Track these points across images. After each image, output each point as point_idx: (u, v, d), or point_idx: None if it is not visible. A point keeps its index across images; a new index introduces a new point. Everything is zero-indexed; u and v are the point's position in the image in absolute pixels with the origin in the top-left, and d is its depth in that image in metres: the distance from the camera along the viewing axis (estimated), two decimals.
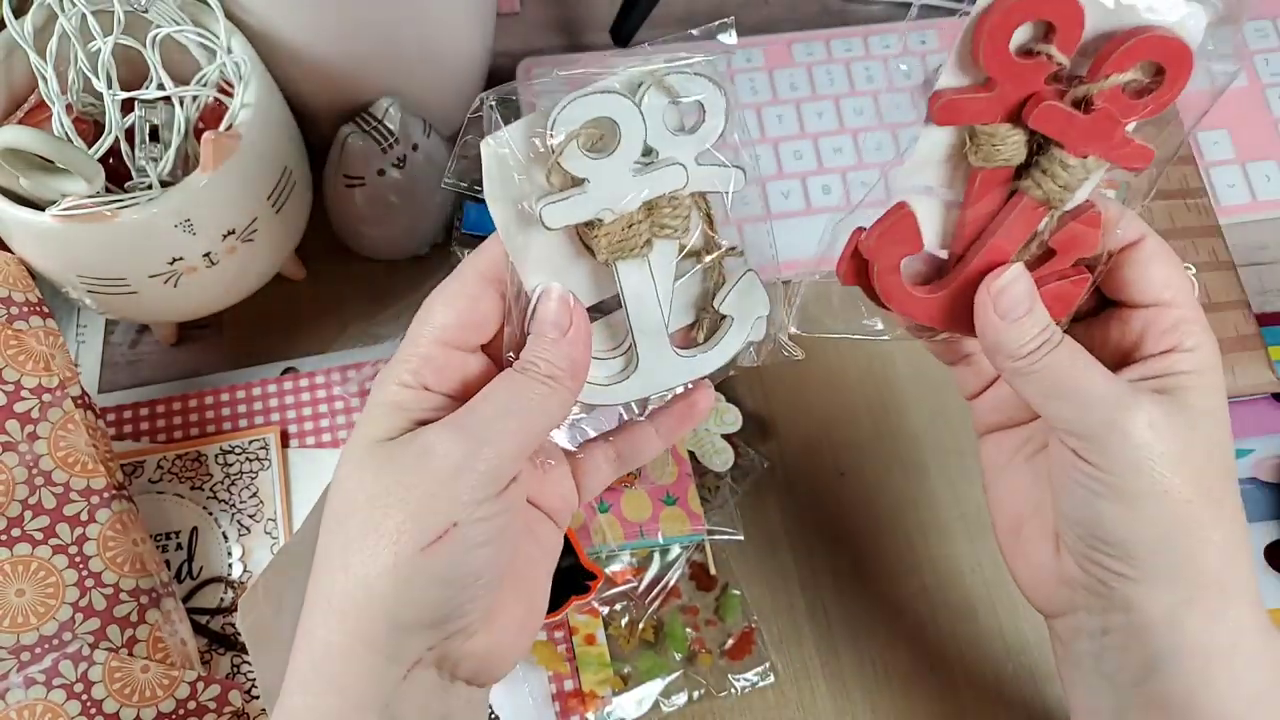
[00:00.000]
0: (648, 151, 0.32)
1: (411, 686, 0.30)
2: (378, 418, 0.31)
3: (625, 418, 0.37)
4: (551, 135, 0.31)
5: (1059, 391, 0.32)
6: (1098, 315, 0.36)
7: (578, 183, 0.32)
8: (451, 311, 0.32)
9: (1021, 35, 0.31)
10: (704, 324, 0.35)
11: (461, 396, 0.31)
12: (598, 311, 0.35)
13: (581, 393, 0.33)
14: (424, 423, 0.30)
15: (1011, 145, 0.33)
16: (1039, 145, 0.33)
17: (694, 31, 0.33)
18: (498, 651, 0.32)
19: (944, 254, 0.36)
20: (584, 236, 0.33)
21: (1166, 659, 0.32)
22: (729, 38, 0.33)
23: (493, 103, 0.32)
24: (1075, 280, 0.34)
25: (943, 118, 0.33)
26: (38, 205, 0.41)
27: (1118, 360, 0.34)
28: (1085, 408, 0.32)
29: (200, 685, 0.41)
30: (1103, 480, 0.32)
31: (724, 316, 0.35)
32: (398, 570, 0.29)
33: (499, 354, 0.33)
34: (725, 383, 0.52)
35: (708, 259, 0.34)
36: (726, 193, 0.34)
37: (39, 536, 0.40)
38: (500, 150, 0.31)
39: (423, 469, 0.29)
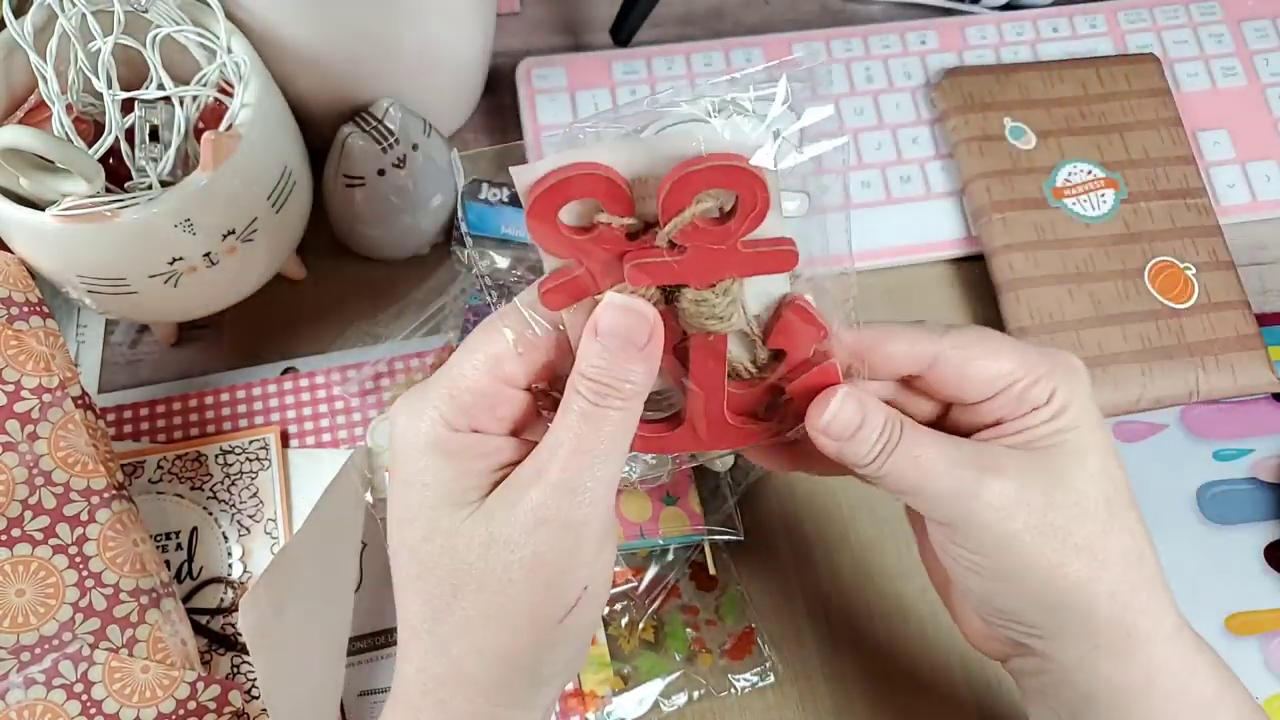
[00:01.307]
0: None
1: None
2: (441, 474, 0.29)
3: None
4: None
5: (909, 489, 0.32)
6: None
7: None
8: (502, 342, 0.29)
9: (574, 211, 0.30)
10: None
11: (513, 429, 0.30)
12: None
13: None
14: (478, 479, 0.29)
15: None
16: (671, 291, 0.31)
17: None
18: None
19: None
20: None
21: (1091, 699, 0.33)
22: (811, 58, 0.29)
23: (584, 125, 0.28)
24: (824, 368, 0.33)
25: (556, 305, 0.31)
26: (38, 205, 0.41)
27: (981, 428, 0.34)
28: (935, 501, 0.32)
29: (200, 685, 0.41)
30: (975, 562, 0.32)
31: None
32: (539, 644, 0.29)
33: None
34: None
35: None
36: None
37: (39, 536, 0.40)
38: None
39: (551, 546, 0.28)
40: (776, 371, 0.33)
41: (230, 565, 0.47)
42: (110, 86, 0.41)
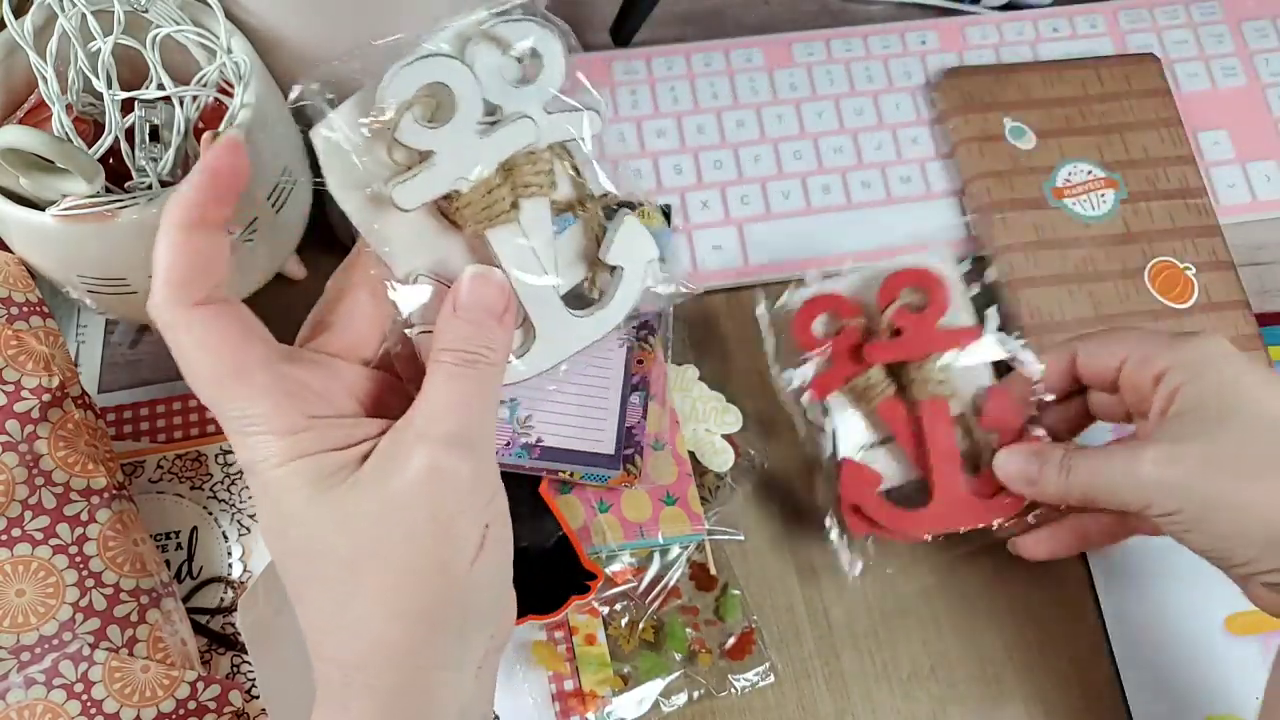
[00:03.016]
0: (492, 111, 0.30)
1: (480, 677, 0.31)
2: (295, 472, 0.28)
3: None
4: (384, 111, 0.29)
5: (1099, 493, 0.39)
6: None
7: (424, 157, 0.30)
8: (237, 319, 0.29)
9: (822, 323, 0.47)
10: (596, 280, 0.33)
11: (359, 408, 0.30)
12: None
13: None
14: (337, 460, 0.29)
15: (876, 378, 0.45)
16: (897, 369, 0.45)
17: None
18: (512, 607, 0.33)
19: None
20: (446, 211, 0.31)
21: None
22: None
23: (315, 87, 0.30)
24: (1032, 437, 0.44)
25: (822, 393, 0.46)
26: (38, 205, 0.41)
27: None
28: (1116, 490, 0.38)
29: (200, 685, 0.41)
30: (1180, 522, 0.37)
31: (614, 268, 0.33)
32: (452, 594, 0.29)
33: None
34: (725, 384, 0.52)
35: (580, 210, 0.33)
36: (584, 138, 0.32)
37: (39, 536, 0.40)
38: (332, 136, 0.29)
39: (442, 498, 0.28)
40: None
41: (230, 565, 0.47)
42: (110, 86, 0.41)
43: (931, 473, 0.44)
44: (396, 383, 0.32)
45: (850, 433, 0.46)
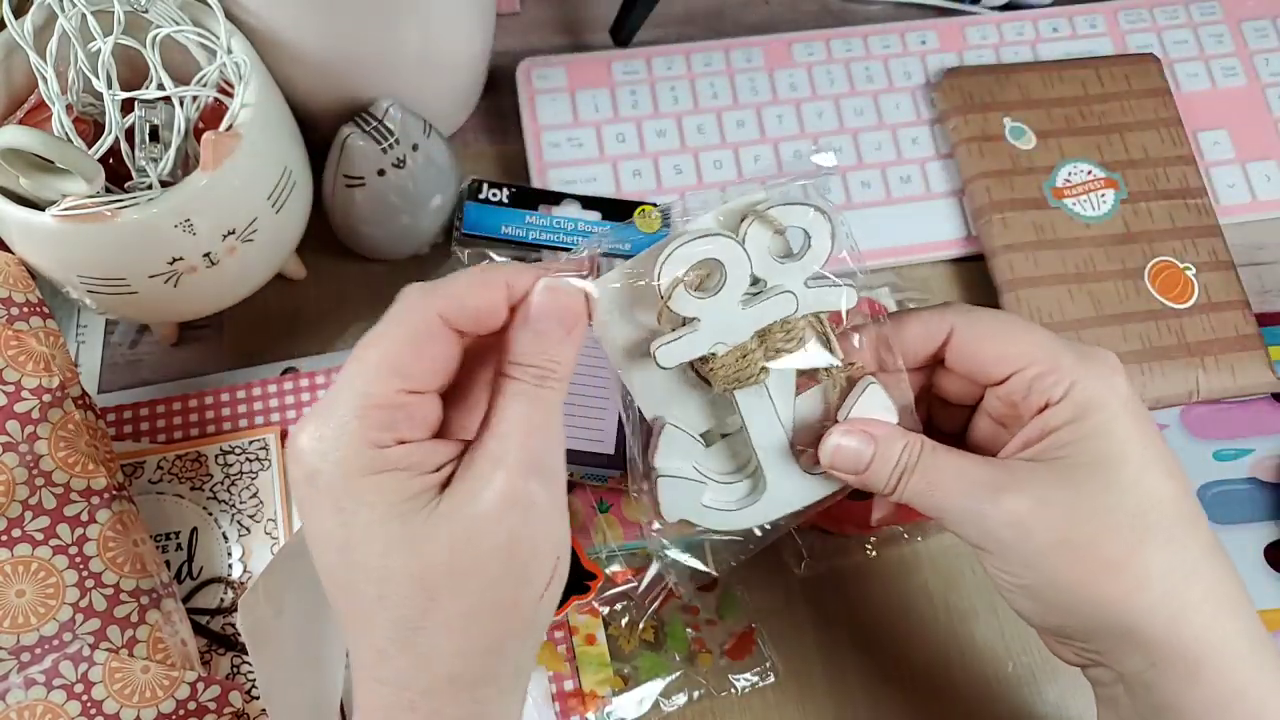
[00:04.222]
0: (755, 281, 0.32)
1: (522, 699, 0.31)
2: (378, 486, 0.27)
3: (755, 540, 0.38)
4: (659, 280, 0.31)
5: (933, 511, 0.33)
6: (975, 411, 0.36)
7: (688, 322, 0.32)
8: (410, 355, 0.29)
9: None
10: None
11: (432, 431, 0.30)
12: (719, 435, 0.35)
13: (710, 519, 0.33)
14: (418, 485, 0.28)
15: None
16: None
17: (790, 156, 0.34)
18: None
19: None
20: (699, 370, 0.33)
21: (1160, 712, 0.31)
22: (826, 160, 0.34)
23: (601, 253, 0.32)
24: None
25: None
26: (38, 205, 0.41)
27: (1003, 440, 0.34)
28: (958, 522, 0.32)
29: (200, 686, 0.41)
30: (1009, 580, 0.32)
31: None
32: (523, 628, 0.29)
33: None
34: None
35: (826, 374, 0.34)
36: (842, 311, 0.34)
37: (39, 537, 0.40)
38: (616, 287, 0.32)
39: (523, 530, 0.28)
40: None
41: (230, 565, 0.47)
42: (110, 86, 0.41)
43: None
44: (457, 397, 0.32)
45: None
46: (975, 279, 0.56)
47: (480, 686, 0.29)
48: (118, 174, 0.42)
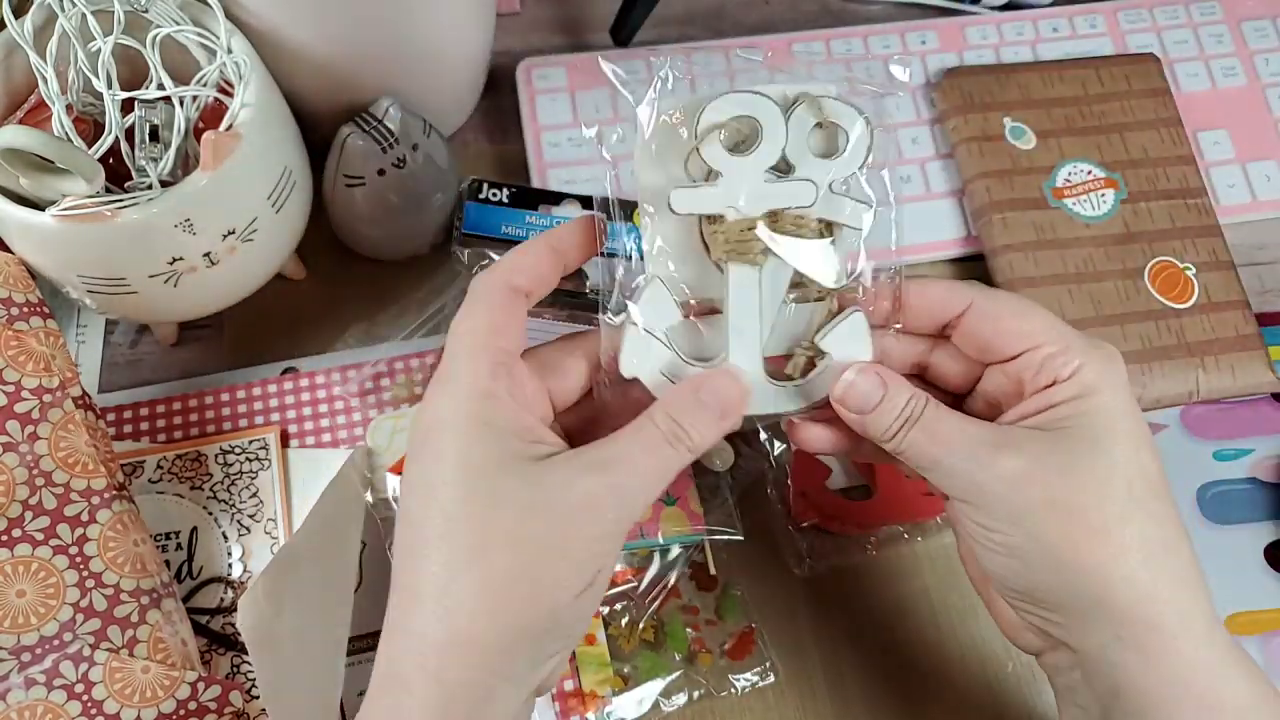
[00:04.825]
0: (788, 169, 0.33)
1: (526, 708, 0.32)
2: (474, 433, 0.30)
3: None
4: (697, 124, 0.32)
5: (927, 463, 0.33)
6: (980, 379, 0.36)
7: (711, 176, 0.32)
8: (501, 320, 0.32)
9: None
10: (800, 361, 0.35)
11: (549, 416, 0.33)
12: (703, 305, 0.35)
13: (662, 391, 0.33)
14: (521, 448, 0.30)
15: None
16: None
17: (869, 60, 0.34)
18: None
19: None
20: (704, 233, 0.33)
21: (1117, 694, 0.32)
22: (901, 73, 0.34)
23: (666, 64, 0.34)
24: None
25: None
26: (38, 205, 0.41)
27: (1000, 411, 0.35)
28: (951, 475, 0.33)
29: (201, 686, 0.41)
30: (991, 537, 0.32)
31: (822, 354, 0.34)
32: (553, 615, 0.30)
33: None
34: None
35: (819, 291, 0.34)
36: (855, 228, 0.34)
37: (39, 537, 0.40)
38: (668, 119, 0.33)
39: (584, 520, 0.30)
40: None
41: (230, 565, 0.47)
42: (110, 86, 0.41)
43: (875, 472, 0.48)
44: (591, 427, 0.34)
45: None
46: (975, 279, 0.56)
47: (493, 661, 0.29)
48: (118, 174, 0.42)
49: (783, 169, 0.33)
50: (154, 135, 0.43)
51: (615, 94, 0.58)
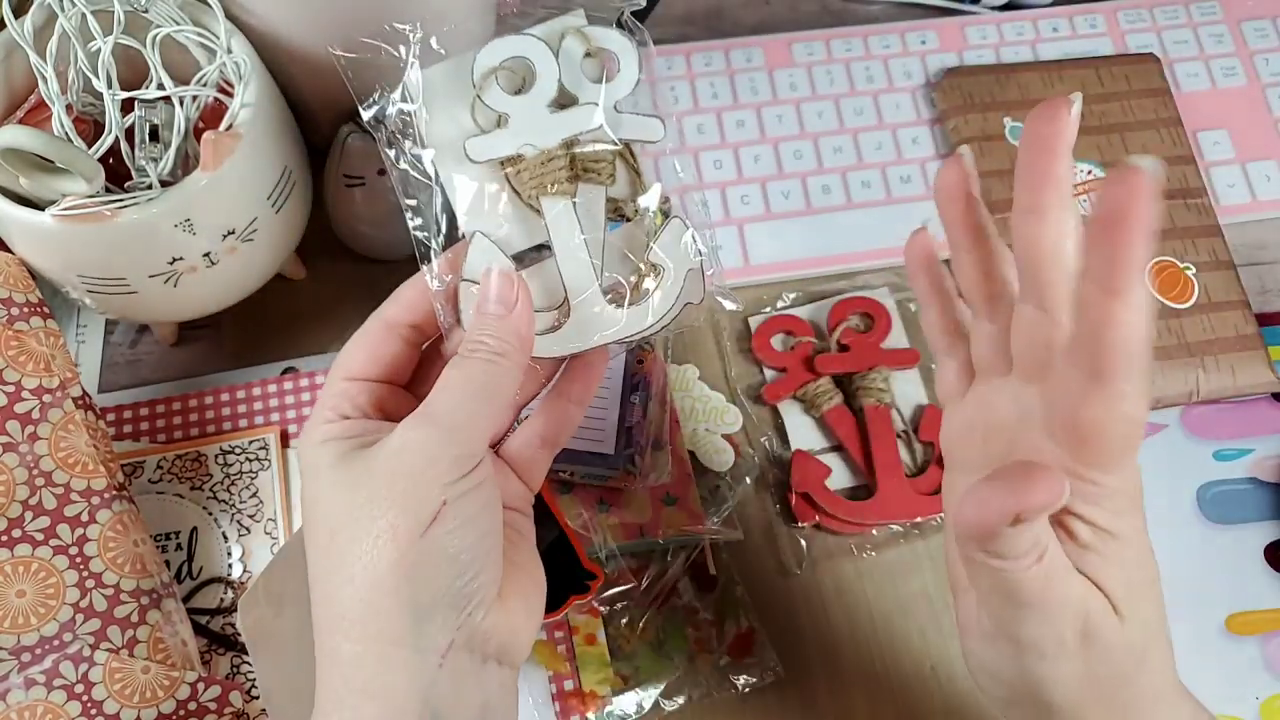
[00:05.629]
0: (570, 101, 0.34)
1: (448, 675, 0.31)
2: (321, 450, 0.32)
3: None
4: (473, 73, 0.33)
5: (1023, 601, 0.30)
6: None
7: (502, 122, 0.34)
8: (360, 353, 0.34)
9: (780, 340, 0.53)
10: (640, 281, 0.35)
11: (387, 413, 0.33)
12: (533, 257, 0.35)
13: None
14: (365, 441, 0.32)
15: (825, 387, 0.51)
16: (844, 380, 0.52)
17: None
18: (515, 626, 0.33)
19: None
20: (511, 180, 0.34)
21: None
22: None
23: (418, 47, 0.34)
24: None
25: (773, 397, 0.52)
26: (38, 205, 0.41)
27: None
28: (1045, 621, 0.30)
29: (201, 686, 0.41)
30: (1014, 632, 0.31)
31: (656, 268, 0.34)
32: (403, 560, 0.30)
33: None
34: (725, 384, 0.52)
35: (636, 207, 0.35)
36: (650, 141, 0.35)
37: (40, 537, 0.40)
38: (435, 80, 0.34)
39: (400, 466, 0.30)
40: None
41: (230, 565, 0.47)
42: (110, 86, 0.41)
43: (875, 472, 0.49)
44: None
45: (801, 438, 0.51)
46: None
47: (372, 623, 0.30)
48: (118, 174, 0.42)
49: (568, 102, 0.34)
50: (154, 135, 0.43)
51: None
